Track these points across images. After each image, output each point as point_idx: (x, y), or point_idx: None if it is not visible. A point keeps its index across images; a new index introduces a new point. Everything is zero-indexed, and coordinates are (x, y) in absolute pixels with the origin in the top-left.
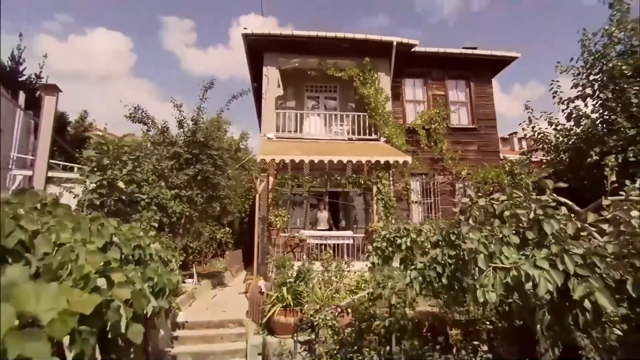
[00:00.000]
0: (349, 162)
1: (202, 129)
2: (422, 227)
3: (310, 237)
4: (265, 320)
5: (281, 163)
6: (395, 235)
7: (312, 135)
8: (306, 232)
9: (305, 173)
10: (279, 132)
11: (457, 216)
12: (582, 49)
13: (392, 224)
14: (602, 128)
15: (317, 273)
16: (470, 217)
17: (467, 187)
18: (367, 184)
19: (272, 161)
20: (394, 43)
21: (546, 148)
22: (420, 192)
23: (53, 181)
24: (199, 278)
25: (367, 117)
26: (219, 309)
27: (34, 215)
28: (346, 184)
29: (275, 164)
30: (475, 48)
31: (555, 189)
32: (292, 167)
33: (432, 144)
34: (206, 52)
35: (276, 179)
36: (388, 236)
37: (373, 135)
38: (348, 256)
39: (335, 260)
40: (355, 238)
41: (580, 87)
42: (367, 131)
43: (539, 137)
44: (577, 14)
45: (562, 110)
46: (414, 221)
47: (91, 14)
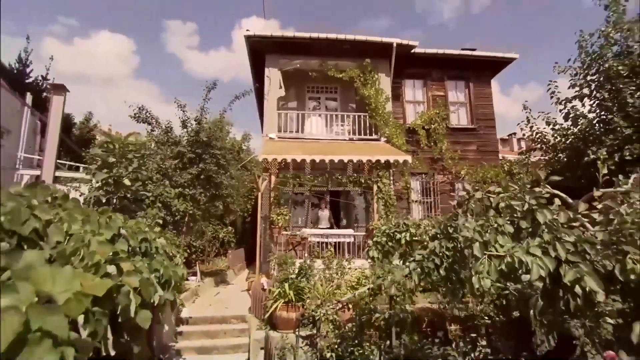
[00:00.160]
0: (349, 161)
1: (205, 129)
2: (421, 222)
3: (312, 236)
4: (268, 316)
5: (283, 162)
6: (395, 230)
7: (314, 135)
8: (308, 230)
9: (306, 172)
10: (281, 132)
11: (455, 209)
12: (579, 50)
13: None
14: (599, 127)
15: (319, 270)
16: (467, 209)
17: (465, 181)
18: (368, 183)
19: (274, 161)
20: (394, 44)
21: (544, 148)
22: (420, 191)
23: (59, 181)
24: (202, 276)
25: (367, 117)
26: (222, 306)
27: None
28: (347, 183)
29: (277, 163)
30: (474, 49)
31: (553, 187)
32: (294, 167)
33: (432, 143)
34: (208, 54)
35: (278, 178)
36: (388, 231)
37: (373, 135)
38: (349, 254)
39: (336, 258)
40: (356, 236)
41: (578, 88)
42: (367, 131)
43: (537, 137)
44: (576, 15)
45: (560, 110)
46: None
47: (95, 17)
